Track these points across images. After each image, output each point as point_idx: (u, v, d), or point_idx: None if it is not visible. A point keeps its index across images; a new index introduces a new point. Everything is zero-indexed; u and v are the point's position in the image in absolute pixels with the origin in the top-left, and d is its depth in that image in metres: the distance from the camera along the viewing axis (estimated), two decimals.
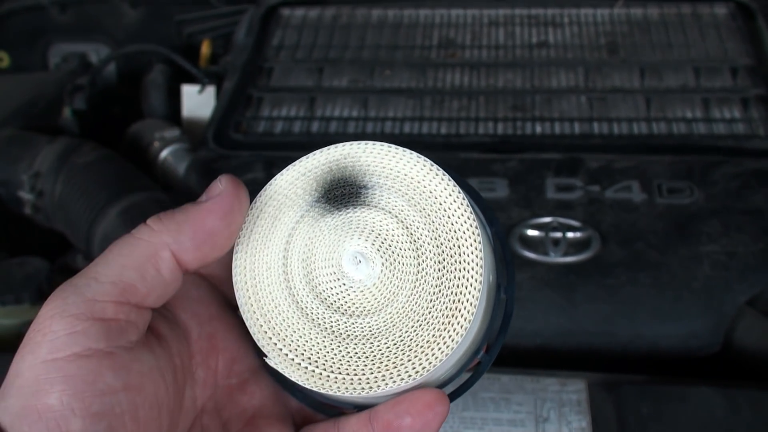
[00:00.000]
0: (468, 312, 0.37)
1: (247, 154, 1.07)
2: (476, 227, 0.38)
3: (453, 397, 0.41)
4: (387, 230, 0.38)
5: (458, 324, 0.37)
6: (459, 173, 0.40)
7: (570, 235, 0.92)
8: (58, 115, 1.26)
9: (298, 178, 0.40)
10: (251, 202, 0.40)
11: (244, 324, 0.42)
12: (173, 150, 1.20)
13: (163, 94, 1.34)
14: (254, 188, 0.41)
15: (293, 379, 0.38)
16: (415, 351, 0.37)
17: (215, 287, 0.43)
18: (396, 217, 0.39)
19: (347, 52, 1.26)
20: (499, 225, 0.41)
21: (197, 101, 1.31)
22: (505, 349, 0.86)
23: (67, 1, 1.50)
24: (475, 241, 0.38)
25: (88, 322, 0.34)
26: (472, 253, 0.37)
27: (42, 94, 1.29)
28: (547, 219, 0.94)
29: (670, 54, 1.20)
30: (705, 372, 0.86)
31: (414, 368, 0.37)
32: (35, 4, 1.50)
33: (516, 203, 0.95)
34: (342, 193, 0.39)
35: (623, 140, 1.07)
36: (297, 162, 0.40)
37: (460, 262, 0.38)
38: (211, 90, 1.30)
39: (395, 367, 0.37)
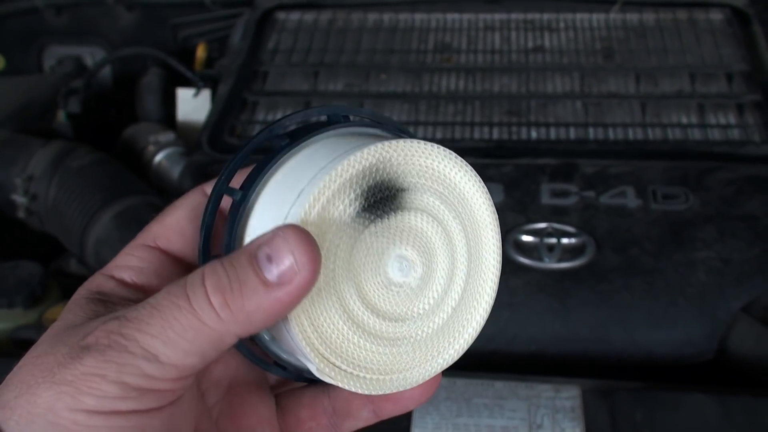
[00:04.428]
0: (484, 310, 0.41)
1: None
2: (496, 220, 0.40)
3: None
4: (424, 230, 0.39)
5: (482, 309, 0.41)
6: None
7: (565, 240, 0.92)
8: (53, 118, 1.26)
9: (333, 190, 0.36)
10: None
11: None
12: (168, 154, 1.20)
13: (158, 98, 1.34)
14: None
15: (349, 389, 0.38)
16: (448, 340, 0.40)
17: (179, 261, 0.41)
18: (430, 215, 0.39)
19: (343, 56, 1.26)
20: None
21: (192, 105, 1.30)
22: (499, 356, 0.86)
23: (63, 3, 1.50)
24: (495, 238, 0.40)
25: (142, 391, 0.33)
26: (493, 247, 0.41)
27: (36, 97, 1.29)
28: (542, 225, 0.94)
29: (666, 59, 1.20)
30: (699, 379, 0.85)
31: (446, 357, 0.40)
32: (30, 6, 1.49)
33: (511, 209, 0.95)
34: (380, 198, 0.37)
35: (618, 146, 1.07)
36: (330, 171, 0.35)
37: (481, 261, 0.41)
38: (206, 94, 1.30)
39: (438, 354, 0.40)
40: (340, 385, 0.38)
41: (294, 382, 0.43)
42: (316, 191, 0.35)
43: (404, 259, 0.38)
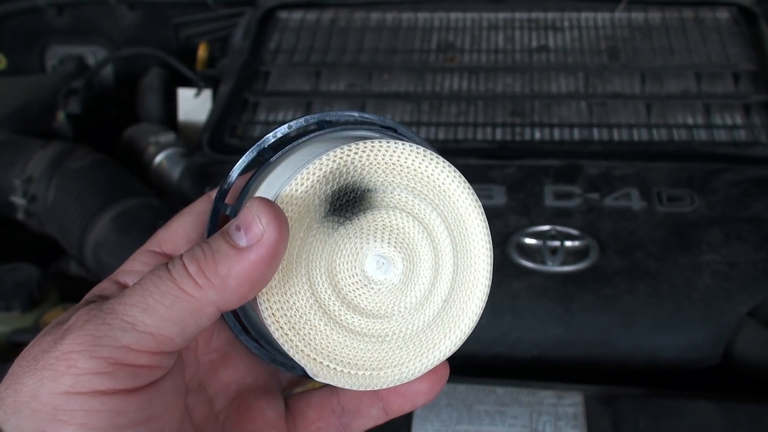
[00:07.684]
0: (479, 299, 0.40)
1: None
2: (479, 205, 0.39)
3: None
4: (399, 226, 0.39)
5: (477, 298, 0.40)
6: None
7: (568, 243, 0.91)
8: (53, 118, 1.26)
9: (297, 197, 0.37)
10: None
11: None
12: (168, 155, 1.19)
13: (159, 98, 1.33)
14: None
15: (344, 386, 0.39)
16: (442, 332, 0.40)
17: None
18: (403, 210, 0.39)
19: (345, 56, 1.25)
20: None
21: (193, 105, 1.30)
22: (501, 360, 0.85)
23: (65, 3, 1.50)
24: (480, 221, 0.39)
25: (118, 366, 0.33)
26: (480, 232, 0.39)
27: (36, 97, 1.28)
28: (546, 227, 0.92)
29: (672, 59, 1.19)
30: (704, 384, 0.84)
31: (443, 349, 0.40)
32: (32, 6, 1.49)
33: (514, 211, 0.94)
34: (346, 201, 0.38)
35: (623, 147, 1.06)
36: (292, 180, 0.37)
37: (469, 249, 0.39)
38: (207, 93, 1.29)
39: (434, 347, 0.40)
40: (333, 383, 0.38)
41: (304, 384, 0.44)
42: (281, 203, 0.37)
43: (382, 257, 0.39)
